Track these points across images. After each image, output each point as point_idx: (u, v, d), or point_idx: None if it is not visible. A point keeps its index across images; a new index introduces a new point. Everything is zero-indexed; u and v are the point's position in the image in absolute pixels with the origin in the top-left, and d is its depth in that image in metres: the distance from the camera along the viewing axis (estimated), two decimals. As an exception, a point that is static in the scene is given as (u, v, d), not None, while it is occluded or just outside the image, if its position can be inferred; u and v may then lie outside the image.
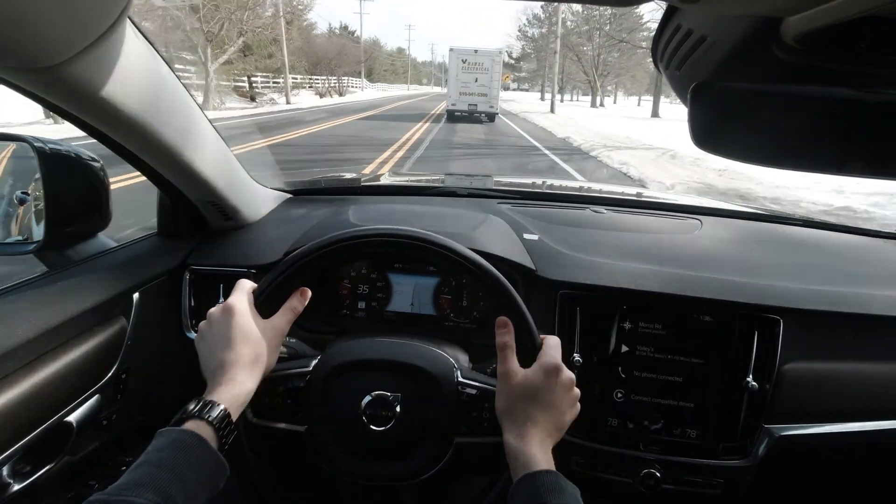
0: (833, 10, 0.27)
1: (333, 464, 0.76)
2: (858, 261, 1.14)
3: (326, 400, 0.75)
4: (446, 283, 1.05)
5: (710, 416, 0.93)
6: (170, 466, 0.52)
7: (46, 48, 0.56)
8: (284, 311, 0.71)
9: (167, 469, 0.52)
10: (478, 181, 1.67)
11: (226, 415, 0.60)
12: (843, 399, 0.93)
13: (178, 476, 0.52)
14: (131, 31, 0.68)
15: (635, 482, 0.93)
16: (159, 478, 0.50)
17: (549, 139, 13.86)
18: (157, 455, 0.53)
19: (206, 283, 1.04)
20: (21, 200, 0.94)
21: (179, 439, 0.55)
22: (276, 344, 0.71)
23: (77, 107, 0.70)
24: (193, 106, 0.88)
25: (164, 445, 0.54)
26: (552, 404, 0.66)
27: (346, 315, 1.07)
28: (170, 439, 0.55)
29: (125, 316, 0.90)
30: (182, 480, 0.52)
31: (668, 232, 1.20)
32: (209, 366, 0.66)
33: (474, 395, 0.75)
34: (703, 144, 0.41)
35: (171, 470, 0.52)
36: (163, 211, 1.09)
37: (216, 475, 0.57)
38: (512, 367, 0.68)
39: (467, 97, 18.34)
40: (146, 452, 0.54)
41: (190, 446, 0.55)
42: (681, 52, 0.40)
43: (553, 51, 34.88)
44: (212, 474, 0.56)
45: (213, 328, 0.67)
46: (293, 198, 1.36)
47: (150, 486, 0.49)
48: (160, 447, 0.54)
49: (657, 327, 0.93)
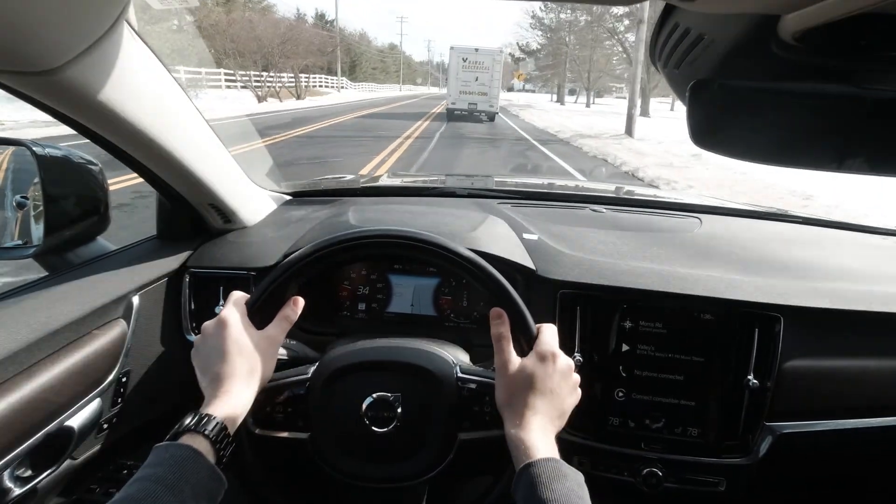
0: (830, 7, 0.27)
1: (337, 468, 0.76)
2: (858, 258, 1.14)
3: (327, 404, 0.75)
4: (446, 284, 1.05)
5: (712, 415, 0.93)
6: (165, 482, 0.52)
7: (44, 52, 0.56)
8: (278, 320, 0.71)
9: (163, 484, 0.52)
10: (477, 181, 1.67)
11: (222, 428, 0.60)
12: (844, 396, 0.93)
13: (174, 491, 0.52)
14: (129, 35, 0.68)
15: (637, 481, 0.93)
16: (155, 493, 0.51)
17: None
18: (153, 470, 0.53)
19: (206, 285, 1.04)
20: (20, 204, 0.94)
21: (175, 454, 0.55)
22: (273, 354, 0.70)
23: (75, 110, 0.69)
24: (192, 109, 0.88)
25: (160, 461, 0.54)
26: (551, 391, 0.66)
27: (346, 316, 1.07)
28: (166, 454, 0.55)
29: (125, 319, 0.90)
30: (178, 495, 0.52)
31: (667, 230, 1.20)
32: (205, 379, 0.66)
33: (474, 390, 0.75)
34: (702, 142, 0.41)
35: (167, 485, 0.52)
36: (162, 214, 1.09)
37: (213, 489, 0.56)
38: (509, 357, 0.68)
39: (467, 96, 18.36)
40: (142, 468, 0.54)
41: (186, 461, 0.55)
42: (679, 51, 0.40)
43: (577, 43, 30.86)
44: (208, 488, 0.56)
45: (208, 342, 0.67)
46: (292, 200, 1.36)
47: (145, 502, 0.49)
48: (156, 462, 0.54)
49: (658, 326, 0.93)
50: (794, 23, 0.30)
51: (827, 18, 0.28)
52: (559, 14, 38.95)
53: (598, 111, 30.56)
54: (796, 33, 0.31)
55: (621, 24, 32.62)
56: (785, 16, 0.31)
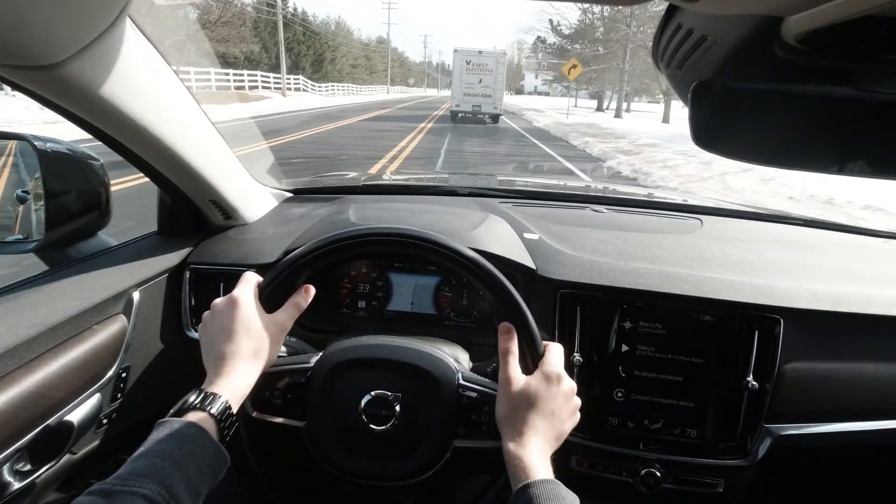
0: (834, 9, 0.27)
1: (330, 460, 0.76)
2: (859, 260, 1.14)
3: (326, 397, 0.75)
4: (446, 283, 1.05)
5: (711, 416, 0.93)
6: (172, 457, 0.52)
7: (46, 46, 0.56)
8: (288, 306, 0.71)
9: (169, 460, 0.52)
10: (479, 180, 1.67)
11: (227, 407, 0.60)
12: (844, 399, 0.93)
13: (180, 467, 0.52)
14: (131, 30, 0.68)
15: (635, 481, 0.93)
16: (162, 468, 0.51)
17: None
18: (159, 446, 0.53)
19: (207, 281, 1.04)
20: (21, 199, 0.95)
21: (181, 430, 0.55)
22: (279, 339, 0.71)
23: (77, 105, 0.69)
24: (194, 104, 0.88)
25: (165, 436, 0.54)
26: (553, 412, 0.66)
27: (346, 314, 1.07)
28: (172, 430, 0.55)
29: (125, 314, 0.90)
30: (184, 471, 0.52)
31: (668, 231, 1.20)
32: (210, 356, 0.66)
33: (475, 399, 0.75)
34: (704, 144, 0.41)
35: (173, 461, 0.52)
36: (163, 209, 1.09)
37: (217, 467, 0.57)
38: (514, 373, 0.67)
39: (471, 98, 18.49)
40: (147, 442, 0.54)
41: (192, 438, 0.55)
42: (682, 52, 0.40)
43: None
44: (213, 466, 0.56)
45: (216, 319, 0.67)
46: (293, 197, 1.36)
47: (152, 477, 0.49)
48: (162, 438, 0.54)
49: (657, 327, 0.93)
50: (798, 24, 0.30)
51: (831, 20, 0.28)
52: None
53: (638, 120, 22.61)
54: (799, 35, 0.31)
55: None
56: (788, 17, 0.31)
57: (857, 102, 0.36)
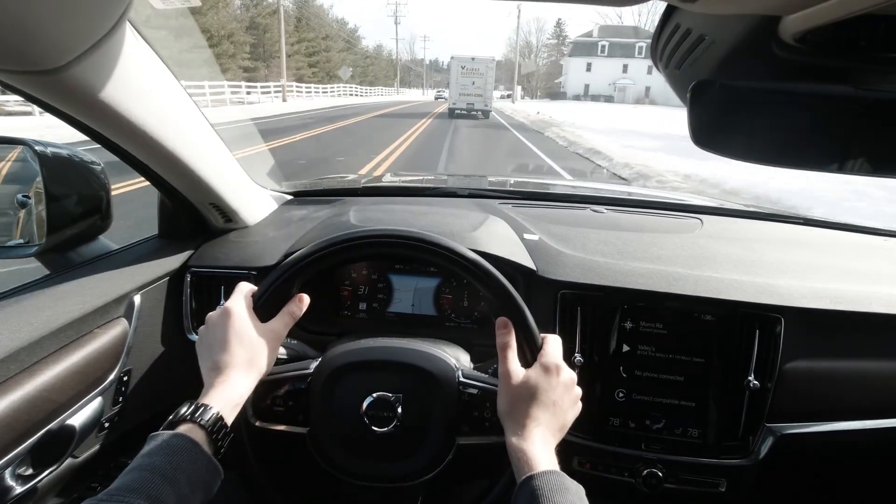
0: (832, 8, 0.27)
1: (335, 465, 0.76)
2: (859, 259, 1.14)
3: (328, 401, 0.75)
4: (447, 284, 1.05)
5: (712, 416, 0.92)
6: (161, 471, 0.52)
7: (47, 51, 0.56)
8: (283, 315, 0.71)
9: (159, 474, 0.52)
10: (478, 181, 1.67)
11: (219, 418, 0.59)
12: (845, 397, 0.93)
13: (170, 480, 0.52)
14: (132, 35, 0.68)
15: (637, 482, 0.93)
16: (151, 482, 0.50)
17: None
18: (149, 459, 0.53)
19: (207, 284, 1.04)
20: (22, 203, 0.95)
21: (171, 443, 0.55)
22: (274, 347, 0.70)
23: (77, 110, 0.70)
24: (194, 109, 0.88)
25: (155, 450, 0.54)
26: (554, 403, 0.66)
27: (347, 316, 1.07)
28: (162, 443, 0.55)
29: (127, 318, 0.90)
30: (174, 485, 0.52)
31: (668, 231, 1.20)
32: (205, 367, 0.66)
33: (476, 395, 0.75)
34: (703, 143, 0.41)
35: (163, 474, 0.52)
36: (163, 213, 1.09)
37: (209, 479, 0.56)
38: (513, 367, 0.68)
39: (466, 97, 22.99)
40: (138, 457, 0.54)
41: (182, 450, 0.55)
42: (680, 52, 0.40)
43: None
44: (205, 478, 0.56)
45: (211, 331, 0.67)
46: (293, 199, 1.36)
47: (141, 492, 0.49)
48: (152, 451, 0.54)
49: (658, 327, 0.93)
50: (795, 24, 0.31)
51: (828, 19, 0.28)
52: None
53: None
54: (797, 34, 0.31)
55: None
56: (786, 17, 0.31)
57: (856, 100, 0.36)
